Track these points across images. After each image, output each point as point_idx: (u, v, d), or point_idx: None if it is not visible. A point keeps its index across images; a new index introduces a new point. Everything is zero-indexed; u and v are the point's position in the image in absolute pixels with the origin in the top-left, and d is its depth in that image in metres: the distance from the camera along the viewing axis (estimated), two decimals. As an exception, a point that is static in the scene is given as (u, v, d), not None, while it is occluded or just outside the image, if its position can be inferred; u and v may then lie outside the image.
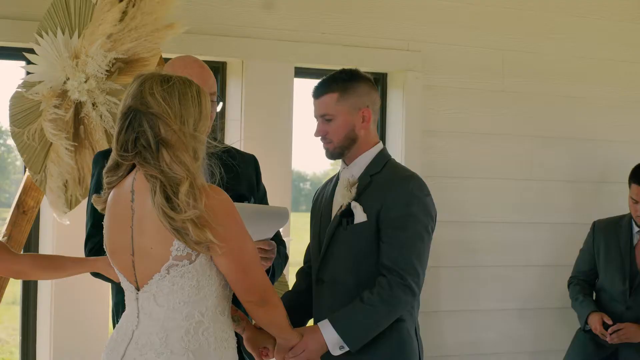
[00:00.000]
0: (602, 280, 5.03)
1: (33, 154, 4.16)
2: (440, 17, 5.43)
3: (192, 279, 2.69)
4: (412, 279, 3.09)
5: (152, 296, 2.71)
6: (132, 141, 2.67)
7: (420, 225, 3.14)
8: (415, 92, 5.33)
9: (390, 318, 3.10)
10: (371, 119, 3.24)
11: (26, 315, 4.63)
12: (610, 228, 5.07)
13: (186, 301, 2.70)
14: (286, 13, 5.03)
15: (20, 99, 4.15)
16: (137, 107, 2.67)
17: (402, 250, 3.10)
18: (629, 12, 5.97)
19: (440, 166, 5.38)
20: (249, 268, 2.73)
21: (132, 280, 2.75)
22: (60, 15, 4.17)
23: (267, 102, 4.97)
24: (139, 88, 2.69)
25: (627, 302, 4.92)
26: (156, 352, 2.68)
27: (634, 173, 5.01)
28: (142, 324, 2.73)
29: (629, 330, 4.84)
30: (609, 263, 5.01)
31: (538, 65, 5.69)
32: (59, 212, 4.21)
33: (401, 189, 3.15)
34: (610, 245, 5.03)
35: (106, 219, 2.79)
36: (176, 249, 2.66)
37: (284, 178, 4.96)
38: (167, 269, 2.68)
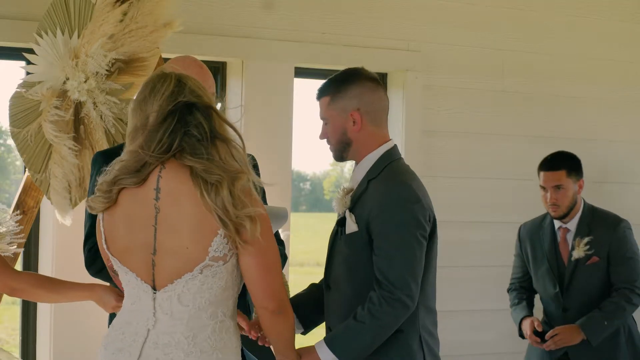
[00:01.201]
0: (535, 284, 4.85)
1: (33, 154, 4.16)
2: (440, 17, 5.43)
3: (222, 279, 2.70)
4: (402, 292, 3.00)
5: (176, 296, 2.69)
6: (180, 138, 2.66)
7: (409, 235, 3.02)
8: (415, 92, 5.33)
9: (384, 334, 3.03)
10: (364, 121, 3.14)
11: (26, 315, 4.63)
12: (533, 230, 4.87)
13: (212, 301, 2.71)
14: (286, 13, 5.03)
15: (20, 99, 4.15)
16: (190, 99, 2.68)
17: (392, 262, 3.01)
18: (629, 12, 5.97)
19: (440, 166, 5.38)
20: (273, 272, 2.73)
21: (147, 280, 2.72)
22: (60, 15, 4.17)
23: (267, 102, 4.97)
24: (181, 84, 2.69)
25: (562, 303, 4.72)
26: (184, 352, 2.68)
27: (541, 163, 4.80)
28: (162, 324, 2.71)
29: (565, 335, 4.62)
30: (538, 267, 4.82)
31: (538, 65, 5.70)
32: (63, 213, 4.20)
33: (387, 197, 3.06)
34: (535, 248, 4.84)
35: (111, 218, 2.76)
36: (214, 250, 2.66)
37: (284, 178, 4.96)
38: (200, 269, 2.67)
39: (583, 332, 4.59)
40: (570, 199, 4.72)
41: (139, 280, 2.73)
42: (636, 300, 4.66)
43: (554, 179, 4.71)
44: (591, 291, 4.69)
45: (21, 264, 4.59)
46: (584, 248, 4.69)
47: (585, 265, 4.69)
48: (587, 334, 4.58)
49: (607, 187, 5.85)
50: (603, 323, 4.61)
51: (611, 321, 4.62)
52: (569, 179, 4.72)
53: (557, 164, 4.75)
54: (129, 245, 2.73)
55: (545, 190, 4.74)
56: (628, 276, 4.67)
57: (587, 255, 4.69)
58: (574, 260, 4.71)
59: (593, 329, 4.59)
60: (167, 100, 2.68)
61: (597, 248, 4.69)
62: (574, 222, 4.76)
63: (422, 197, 3.07)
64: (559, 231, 4.79)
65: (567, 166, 4.74)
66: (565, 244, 4.78)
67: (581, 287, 4.69)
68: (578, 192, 4.76)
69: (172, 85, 2.70)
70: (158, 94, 2.70)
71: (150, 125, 2.68)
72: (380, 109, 3.18)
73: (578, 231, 4.74)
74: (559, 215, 4.74)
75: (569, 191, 4.71)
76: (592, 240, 4.70)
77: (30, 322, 4.62)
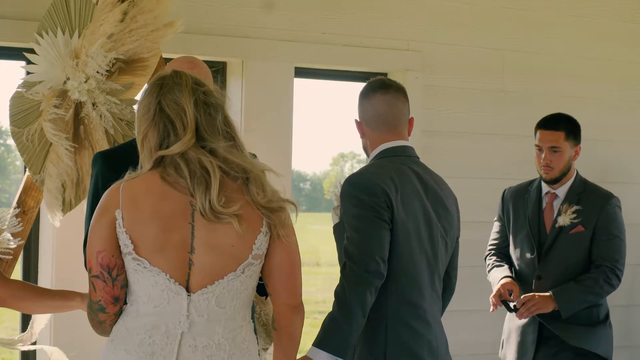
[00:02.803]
0: (512, 250, 4.64)
1: (33, 154, 4.16)
2: (440, 17, 5.43)
3: (255, 279, 2.73)
4: (360, 267, 3.17)
5: (215, 297, 2.66)
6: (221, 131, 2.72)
7: (350, 217, 3.23)
8: (415, 92, 5.33)
9: (351, 311, 3.15)
10: (364, 129, 3.43)
11: (26, 315, 4.63)
12: (519, 193, 4.68)
13: (245, 302, 2.72)
14: (286, 13, 5.03)
15: (20, 99, 4.15)
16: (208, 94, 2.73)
17: (350, 243, 3.21)
18: (629, 12, 5.97)
19: (440, 166, 5.34)
20: (299, 269, 2.79)
21: (181, 281, 2.66)
22: (61, 15, 4.17)
23: (267, 102, 4.97)
24: (196, 81, 2.73)
25: (536, 270, 4.51)
26: (228, 354, 2.67)
27: (540, 121, 4.62)
28: (198, 326, 2.67)
29: (538, 301, 4.41)
30: (517, 231, 4.61)
31: (538, 65, 5.70)
32: (54, 213, 4.20)
33: (343, 188, 3.31)
34: (518, 211, 4.64)
35: (136, 218, 2.65)
36: (257, 247, 2.68)
37: (284, 178, 4.95)
38: (243, 269, 2.68)
39: (555, 301, 4.40)
40: (565, 163, 4.55)
41: (171, 281, 2.65)
42: (615, 281, 4.48)
43: (552, 139, 4.55)
44: (569, 262, 4.51)
45: (21, 264, 4.59)
46: (571, 216, 4.52)
47: (569, 234, 4.52)
48: (559, 304, 4.40)
49: (607, 186, 5.84)
50: (577, 296, 4.43)
51: (586, 296, 4.43)
52: (567, 142, 4.55)
53: (557, 124, 4.58)
54: (162, 244, 2.65)
55: (541, 150, 4.58)
56: (611, 254, 4.49)
57: (572, 223, 4.52)
58: (558, 227, 4.53)
59: (566, 299, 4.41)
60: (190, 94, 2.70)
61: (584, 218, 4.51)
62: (564, 189, 4.59)
63: (370, 185, 3.23)
64: (546, 196, 4.62)
65: (566, 128, 4.56)
66: (550, 210, 4.61)
67: (559, 256, 4.51)
68: (574, 158, 4.59)
69: (190, 82, 2.72)
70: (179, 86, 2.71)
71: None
72: (372, 115, 3.41)
73: (567, 199, 4.56)
74: (551, 179, 4.57)
75: (565, 154, 4.55)
76: (580, 210, 4.52)
77: (30, 322, 4.61)
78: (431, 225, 3.34)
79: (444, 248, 3.40)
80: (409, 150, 3.43)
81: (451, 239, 3.45)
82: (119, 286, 2.73)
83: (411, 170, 3.36)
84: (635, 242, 5.94)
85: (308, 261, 7.05)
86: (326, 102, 6.92)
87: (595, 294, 4.45)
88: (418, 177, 3.36)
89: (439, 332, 3.38)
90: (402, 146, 3.41)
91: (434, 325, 3.35)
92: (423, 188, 3.35)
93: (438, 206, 3.38)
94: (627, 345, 5.93)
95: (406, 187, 3.30)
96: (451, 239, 3.45)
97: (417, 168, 3.39)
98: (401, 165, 3.35)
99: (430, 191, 3.37)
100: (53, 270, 4.50)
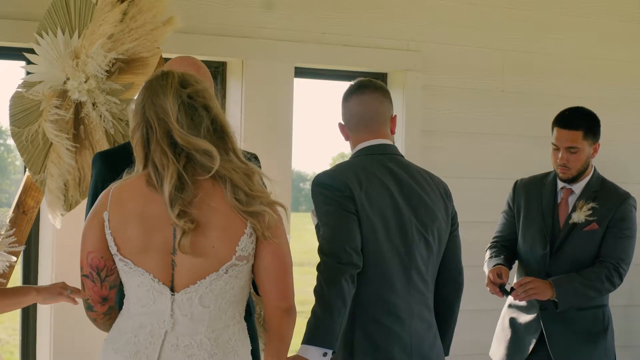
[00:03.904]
0: (521, 244, 4.45)
1: (33, 154, 4.16)
2: (440, 17, 5.44)
3: (242, 279, 2.72)
4: (329, 257, 3.22)
5: (198, 297, 2.68)
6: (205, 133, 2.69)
7: (320, 214, 3.31)
8: (415, 92, 5.33)
9: (319, 302, 3.21)
10: (345, 130, 3.51)
11: (26, 315, 4.63)
12: (532, 186, 4.47)
13: (232, 301, 2.72)
14: (286, 13, 5.03)
15: (20, 99, 4.15)
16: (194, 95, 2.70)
17: (323, 236, 3.28)
18: (629, 12, 5.97)
19: (440, 166, 5.37)
20: (289, 271, 2.77)
21: (165, 281, 2.70)
22: (61, 15, 4.17)
23: (267, 102, 4.97)
24: (183, 80, 2.70)
25: (546, 267, 4.34)
26: (208, 353, 2.67)
27: (557, 117, 4.41)
28: (181, 326, 2.69)
29: (537, 285, 4.24)
30: (528, 225, 4.43)
31: (538, 65, 5.70)
32: (55, 214, 4.20)
33: (311, 190, 3.39)
34: (531, 204, 4.44)
35: (121, 219, 2.71)
36: (241, 249, 2.68)
37: (284, 178, 4.96)
38: (226, 269, 2.68)
39: (554, 289, 4.23)
40: (583, 162, 4.36)
41: (155, 281, 2.70)
42: (616, 280, 4.32)
43: (569, 138, 4.32)
44: (580, 259, 4.34)
45: (21, 264, 4.59)
46: (586, 212, 4.34)
47: (582, 231, 4.35)
48: (557, 293, 4.22)
49: (607, 187, 5.85)
50: (578, 289, 4.25)
51: (586, 290, 4.26)
52: (585, 141, 4.34)
53: (576, 122, 4.35)
54: (145, 245, 2.69)
55: (557, 149, 4.36)
56: (618, 252, 4.33)
57: (587, 220, 4.34)
58: (572, 224, 4.36)
59: (565, 289, 4.24)
60: (174, 96, 2.69)
61: (599, 216, 4.34)
62: (580, 186, 4.40)
63: (332, 181, 3.31)
64: (562, 191, 4.44)
65: (585, 126, 4.34)
66: (565, 205, 4.43)
67: (571, 254, 4.35)
68: (592, 156, 4.39)
69: (175, 81, 2.70)
70: (163, 89, 2.70)
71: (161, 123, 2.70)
72: (349, 117, 3.48)
73: (583, 195, 4.38)
74: (567, 178, 4.38)
75: (583, 154, 4.34)
76: (596, 208, 4.35)
77: (30, 322, 4.62)
78: (403, 221, 3.35)
79: (424, 244, 3.40)
80: (389, 148, 3.45)
81: (436, 235, 3.44)
82: (108, 287, 2.81)
83: (385, 167, 3.39)
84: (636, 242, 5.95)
85: (307, 261, 7.05)
86: (326, 102, 6.98)
87: (596, 289, 4.29)
88: (392, 174, 3.39)
89: (421, 330, 3.38)
90: (379, 144, 3.44)
91: (411, 321, 3.35)
92: (397, 185, 3.37)
93: (415, 202, 3.39)
94: (627, 345, 5.93)
95: (373, 183, 3.34)
96: (436, 235, 3.44)
97: (394, 165, 3.41)
98: (373, 162, 3.39)
99: (406, 188, 3.39)
100: (53, 270, 4.50)
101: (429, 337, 3.41)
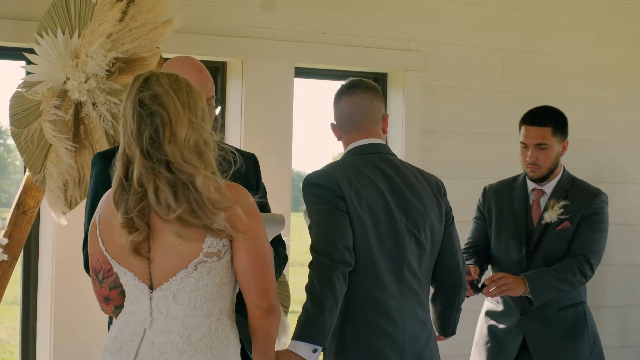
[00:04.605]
0: (495, 248, 4.38)
1: (33, 154, 4.16)
2: (440, 17, 5.44)
3: (217, 276, 2.71)
4: (320, 255, 3.25)
5: (172, 294, 2.70)
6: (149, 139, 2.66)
7: (312, 213, 3.33)
8: (415, 92, 5.33)
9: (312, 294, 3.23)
10: (338, 131, 3.51)
11: (26, 315, 4.63)
12: (502, 190, 4.42)
13: (208, 298, 2.71)
14: (286, 13, 5.04)
15: (20, 99, 4.15)
16: (147, 100, 2.66)
17: (313, 235, 3.31)
18: (629, 12, 5.98)
19: (440, 166, 5.38)
20: (267, 270, 2.75)
21: (144, 279, 2.73)
22: (61, 15, 4.17)
23: (267, 102, 4.97)
24: (145, 83, 2.68)
25: (523, 269, 4.25)
26: (179, 351, 2.68)
27: (525, 116, 4.37)
28: (158, 323, 2.72)
29: (509, 282, 4.15)
30: (501, 229, 4.37)
31: (538, 65, 5.70)
32: (57, 212, 4.21)
33: (302, 190, 3.42)
34: (502, 208, 4.39)
35: (107, 220, 2.77)
36: (208, 246, 2.67)
37: (284, 178, 4.96)
38: (194, 266, 2.68)
39: (528, 284, 4.15)
40: (553, 160, 4.32)
41: (136, 280, 2.74)
42: (588, 272, 4.24)
43: (538, 135, 4.29)
44: (556, 259, 4.26)
45: (21, 264, 4.59)
46: (558, 211, 4.29)
47: (555, 231, 4.29)
48: (531, 288, 4.15)
49: (608, 187, 5.84)
50: (551, 283, 4.17)
51: (559, 284, 4.19)
52: (554, 137, 4.31)
53: (544, 119, 4.33)
54: (125, 245, 2.72)
55: (526, 147, 4.32)
56: (588, 245, 4.26)
57: (559, 219, 4.29)
58: (544, 224, 4.31)
59: (539, 284, 4.16)
60: (133, 101, 2.68)
61: (571, 214, 4.29)
62: (551, 186, 4.36)
63: (323, 181, 3.33)
64: (532, 193, 4.39)
65: (553, 123, 4.32)
66: (537, 206, 4.38)
67: (546, 254, 4.28)
68: (561, 154, 4.35)
69: (137, 84, 2.69)
70: (129, 95, 2.70)
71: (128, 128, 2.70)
72: (340, 117, 3.48)
73: (554, 194, 4.34)
74: (538, 177, 4.33)
75: (553, 151, 4.31)
76: (567, 206, 4.30)
77: (30, 322, 4.62)
78: (394, 220, 3.35)
79: (415, 243, 3.39)
80: (380, 147, 3.45)
81: (429, 234, 3.43)
82: (107, 287, 2.86)
83: (376, 166, 3.40)
84: (636, 242, 5.95)
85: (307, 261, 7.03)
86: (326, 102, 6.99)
87: (569, 282, 4.21)
88: (383, 174, 3.39)
89: (414, 329, 3.38)
90: (370, 144, 3.44)
91: (404, 321, 3.35)
92: (388, 184, 3.38)
93: (406, 201, 3.39)
94: (627, 345, 5.93)
95: (363, 182, 3.35)
96: (429, 234, 3.43)
97: (385, 165, 3.42)
98: (364, 162, 3.40)
99: (396, 187, 3.39)
100: (53, 270, 4.50)
101: (422, 337, 3.41)
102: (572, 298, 4.35)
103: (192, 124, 2.67)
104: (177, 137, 2.65)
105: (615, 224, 5.83)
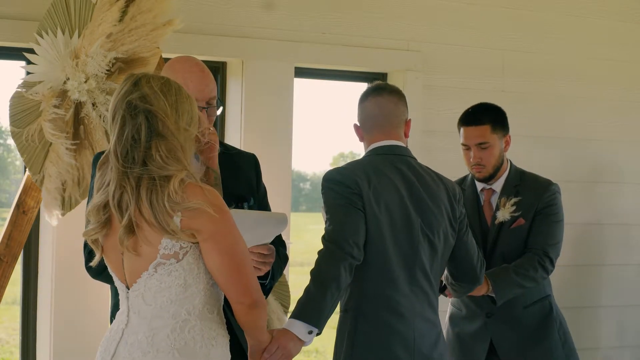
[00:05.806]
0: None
1: (33, 154, 4.16)
2: (440, 17, 5.44)
3: (180, 277, 2.72)
4: (334, 245, 3.29)
5: (141, 295, 2.74)
6: (130, 138, 2.68)
7: (328, 208, 3.40)
8: (415, 92, 5.33)
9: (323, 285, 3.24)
10: (360, 131, 3.59)
11: (26, 315, 4.64)
12: None
13: (173, 300, 2.73)
14: (286, 13, 5.04)
15: (20, 99, 4.15)
16: (134, 101, 2.67)
17: (327, 226, 3.36)
18: (629, 12, 5.98)
19: (440, 166, 5.35)
20: (243, 268, 2.75)
21: (122, 279, 2.79)
22: (61, 15, 4.17)
23: (267, 102, 4.97)
24: (135, 85, 2.69)
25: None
26: (143, 352, 2.71)
27: (462, 117, 4.31)
28: (131, 323, 2.76)
29: None
30: None
31: (538, 65, 5.70)
32: (51, 213, 4.21)
33: (321, 185, 3.50)
34: None
35: None
36: (164, 247, 2.69)
37: (284, 178, 4.96)
38: (154, 267, 2.71)
39: (490, 283, 4.10)
40: (497, 157, 4.25)
41: (117, 280, 2.82)
42: (548, 266, 4.20)
43: (477, 135, 4.23)
44: (514, 258, 4.21)
45: (21, 264, 4.59)
46: (510, 209, 4.23)
47: (510, 229, 4.24)
48: (494, 287, 4.10)
49: (608, 187, 5.85)
50: (514, 280, 4.12)
51: (522, 280, 4.14)
52: (494, 134, 4.24)
53: (480, 117, 4.26)
54: (107, 245, 2.79)
55: (468, 149, 4.26)
56: (546, 239, 4.21)
57: (512, 217, 4.23)
58: (498, 224, 4.25)
59: (502, 282, 4.10)
60: (120, 102, 2.70)
61: (524, 209, 4.23)
62: (500, 183, 4.30)
63: (342, 178, 3.40)
64: (482, 193, 4.33)
65: (491, 120, 4.26)
66: (489, 206, 4.32)
67: (504, 253, 4.23)
68: (505, 150, 4.28)
69: (126, 85, 2.71)
70: (118, 92, 2.72)
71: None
72: (365, 118, 3.56)
73: (504, 192, 4.27)
74: (484, 177, 4.27)
75: (495, 149, 4.24)
76: (519, 202, 4.24)
77: (30, 322, 4.62)
78: (410, 220, 3.42)
79: (428, 244, 3.45)
80: (400, 149, 3.54)
81: (442, 237, 3.49)
82: None
83: (395, 167, 3.47)
84: (633, 242, 5.95)
85: (307, 261, 7.03)
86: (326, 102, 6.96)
87: (531, 278, 4.17)
88: (402, 175, 3.46)
89: (423, 329, 3.42)
90: (391, 145, 3.52)
91: (415, 320, 3.40)
92: (406, 185, 3.45)
93: (422, 203, 3.45)
94: (626, 345, 5.93)
95: (382, 181, 3.41)
96: (442, 237, 3.49)
97: (404, 166, 3.49)
98: (384, 162, 3.47)
99: (414, 189, 3.46)
100: (53, 270, 4.50)
101: (431, 336, 3.44)
102: (537, 294, 4.31)
103: (178, 126, 2.69)
104: (160, 137, 2.67)
105: (614, 223, 5.85)
